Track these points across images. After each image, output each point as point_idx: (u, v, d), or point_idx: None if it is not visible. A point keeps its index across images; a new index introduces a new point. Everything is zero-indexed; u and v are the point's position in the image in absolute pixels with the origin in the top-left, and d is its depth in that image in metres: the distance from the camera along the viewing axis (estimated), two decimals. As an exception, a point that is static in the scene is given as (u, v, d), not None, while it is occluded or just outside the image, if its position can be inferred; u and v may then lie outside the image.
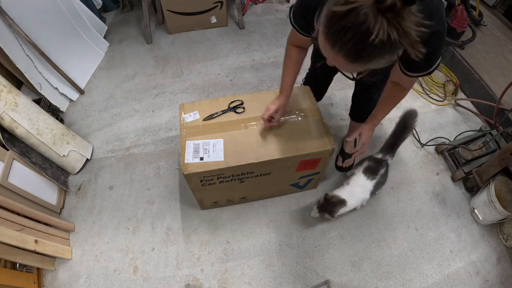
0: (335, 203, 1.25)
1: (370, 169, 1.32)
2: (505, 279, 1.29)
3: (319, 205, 1.29)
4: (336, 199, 1.26)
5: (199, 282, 1.28)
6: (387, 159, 1.35)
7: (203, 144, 1.16)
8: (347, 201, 1.26)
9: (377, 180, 1.31)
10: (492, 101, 1.69)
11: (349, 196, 1.27)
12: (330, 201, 1.25)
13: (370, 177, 1.30)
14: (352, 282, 1.28)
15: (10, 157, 1.25)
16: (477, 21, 2.11)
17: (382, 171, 1.32)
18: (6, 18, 1.52)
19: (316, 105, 1.29)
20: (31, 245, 1.15)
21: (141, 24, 2.43)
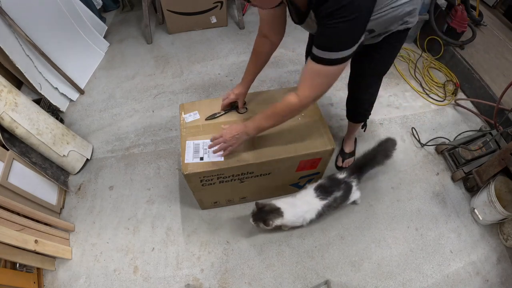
0: (268, 212, 1.18)
1: (324, 188, 1.23)
2: (505, 279, 1.29)
3: (253, 213, 1.22)
4: (269, 207, 1.19)
5: (199, 282, 1.28)
6: (350, 181, 1.26)
7: (203, 144, 1.16)
8: (284, 213, 1.18)
9: (328, 202, 1.22)
10: (492, 101, 1.69)
11: (289, 208, 1.20)
12: (262, 209, 1.19)
13: (321, 196, 1.21)
14: (352, 282, 1.28)
15: (10, 157, 1.25)
16: (477, 21, 2.11)
17: (339, 194, 1.23)
18: (6, 18, 1.52)
19: (316, 104, 1.29)
20: (31, 245, 1.15)
21: (141, 24, 2.43)
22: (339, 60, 0.81)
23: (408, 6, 0.94)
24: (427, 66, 2.08)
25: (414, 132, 1.73)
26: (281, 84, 2.00)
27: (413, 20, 1.00)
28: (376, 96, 1.36)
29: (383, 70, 1.21)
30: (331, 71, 0.85)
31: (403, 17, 0.97)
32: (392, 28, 1.00)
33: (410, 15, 0.98)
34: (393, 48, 1.11)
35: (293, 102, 0.93)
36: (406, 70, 2.10)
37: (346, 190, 1.26)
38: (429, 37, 2.12)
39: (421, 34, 2.19)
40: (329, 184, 1.24)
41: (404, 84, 2.02)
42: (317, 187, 1.24)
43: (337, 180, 1.26)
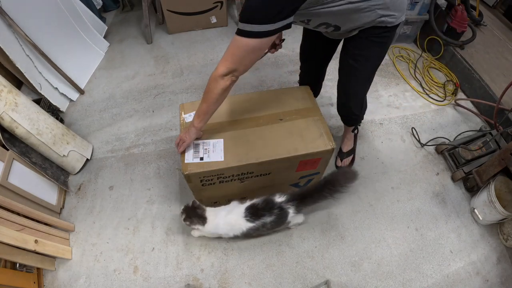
0: (196, 214, 1.18)
1: (254, 210, 1.15)
2: (505, 279, 1.29)
3: (187, 206, 1.21)
4: (200, 212, 1.18)
5: (199, 282, 1.28)
6: (286, 207, 1.15)
7: (203, 144, 1.16)
8: (206, 224, 1.17)
9: (255, 226, 1.15)
10: (492, 101, 1.69)
11: (214, 220, 1.18)
12: (194, 209, 1.19)
13: (248, 218, 1.14)
14: (352, 282, 1.28)
15: (10, 157, 1.25)
16: (477, 21, 2.11)
17: (269, 219, 1.14)
18: (6, 18, 1.52)
19: (316, 105, 1.29)
20: (31, 245, 1.15)
21: (141, 24, 2.43)
22: (258, 33, 0.82)
23: (381, 10, 0.93)
24: (427, 66, 2.08)
25: (414, 132, 1.73)
26: (281, 84, 2.00)
27: (392, 20, 0.98)
28: (364, 100, 1.38)
29: (367, 70, 1.19)
30: (250, 45, 0.85)
31: (374, 17, 0.95)
32: (362, 25, 0.99)
33: (387, 17, 0.96)
34: (374, 45, 1.07)
35: (211, 74, 0.94)
36: (406, 70, 2.10)
37: (280, 216, 1.16)
38: (429, 37, 2.12)
39: (421, 34, 2.19)
40: (262, 206, 1.16)
41: (404, 84, 2.02)
42: (248, 207, 1.17)
43: (272, 204, 1.15)
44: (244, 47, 0.87)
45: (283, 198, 1.17)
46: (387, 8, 0.94)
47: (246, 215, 1.16)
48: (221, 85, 0.94)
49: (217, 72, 0.92)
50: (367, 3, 0.91)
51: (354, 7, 0.90)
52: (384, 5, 0.93)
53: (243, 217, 1.16)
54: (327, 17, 0.95)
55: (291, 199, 1.16)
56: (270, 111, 1.26)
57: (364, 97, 1.36)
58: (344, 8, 0.90)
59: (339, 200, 1.48)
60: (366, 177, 1.57)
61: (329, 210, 1.46)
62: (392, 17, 0.97)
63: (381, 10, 0.94)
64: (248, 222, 1.15)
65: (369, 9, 0.93)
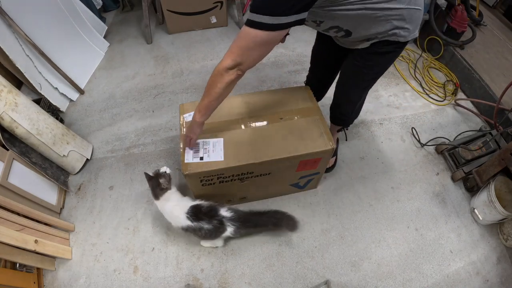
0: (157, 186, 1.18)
1: (197, 212, 1.14)
2: (505, 279, 1.29)
3: (155, 172, 1.20)
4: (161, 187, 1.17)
5: (199, 282, 1.28)
6: (227, 223, 1.14)
7: (203, 144, 1.16)
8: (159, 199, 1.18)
9: (193, 226, 1.14)
10: (492, 101, 1.69)
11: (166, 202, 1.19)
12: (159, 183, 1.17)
13: (188, 216, 1.14)
14: (352, 282, 1.28)
15: (10, 157, 1.25)
16: (477, 21, 2.11)
17: (206, 226, 1.13)
18: (6, 18, 1.52)
19: (316, 105, 1.29)
20: (31, 245, 1.15)
21: (141, 24, 2.43)
22: (269, 26, 0.77)
23: (397, 21, 0.90)
24: (427, 66, 2.08)
25: (414, 132, 1.73)
26: (281, 84, 2.00)
27: (405, 34, 0.95)
28: (359, 107, 1.37)
29: (368, 81, 1.18)
30: (259, 37, 0.80)
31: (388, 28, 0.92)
32: (376, 35, 0.95)
33: (401, 29, 0.94)
34: (381, 59, 1.06)
35: (215, 68, 0.89)
36: (406, 70, 2.10)
37: (217, 229, 1.15)
38: (429, 37, 2.12)
39: (421, 34, 2.19)
40: (205, 211, 1.15)
41: (404, 84, 2.02)
42: (194, 206, 1.16)
43: (215, 213, 1.14)
44: (253, 39, 0.81)
45: (228, 214, 1.15)
46: (403, 19, 0.91)
47: (188, 212, 1.15)
48: (225, 79, 0.89)
49: (222, 65, 0.87)
50: (383, 12, 0.87)
51: (369, 13, 0.87)
52: (400, 16, 0.90)
53: (185, 213, 1.15)
54: (340, 20, 0.92)
55: (236, 219, 1.15)
56: (270, 111, 1.26)
57: (358, 103, 1.35)
58: (360, 14, 0.87)
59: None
60: (366, 177, 1.57)
61: (329, 210, 1.46)
62: (406, 31, 0.95)
63: (396, 21, 0.91)
64: (187, 220, 1.14)
65: (385, 19, 0.89)
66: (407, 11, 0.90)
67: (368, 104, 1.89)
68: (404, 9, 0.89)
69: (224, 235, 1.19)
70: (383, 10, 0.87)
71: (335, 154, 1.59)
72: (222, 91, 0.93)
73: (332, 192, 1.52)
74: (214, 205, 1.18)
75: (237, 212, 1.18)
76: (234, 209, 1.19)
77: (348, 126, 1.54)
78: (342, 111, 1.37)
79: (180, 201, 1.21)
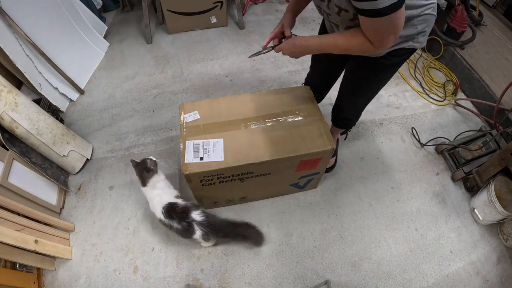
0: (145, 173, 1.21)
1: (171, 210, 1.16)
2: (505, 279, 1.29)
3: (143, 160, 1.24)
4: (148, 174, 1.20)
5: (199, 282, 1.28)
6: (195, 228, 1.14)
7: (203, 144, 1.16)
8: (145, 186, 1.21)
9: (165, 222, 1.17)
10: (492, 101, 1.69)
11: (151, 190, 1.22)
12: (147, 169, 1.21)
13: (163, 212, 1.16)
14: (352, 282, 1.28)
15: (10, 157, 1.25)
16: (477, 21, 2.11)
17: (176, 226, 1.15)
18: (6, 18, 1.52)
19: (316, 105, 1.29)
20: (31, 245, 1.15)
21: (141, 24, 2.43)
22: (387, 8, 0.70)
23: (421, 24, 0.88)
24: (427, 66, 2.08)
25: (414, 132, 1.73)
26: (281, 84, 2.00)
27: (422, 40, 0.94)
28: (361, 112, 1.35)
29: (373, 89, 1.17)
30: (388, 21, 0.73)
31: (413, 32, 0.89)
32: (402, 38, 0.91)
33: (420, 34, 0.92)
34: (389, 68, 1.05)
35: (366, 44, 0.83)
36: (406, 70, 2.10)
37: (186, 230, 1.15)
38: (429, 37, 2.11)
39: (421, 34, 2.19)
40: (177, 211, 1.15)
41: (404, 84, 2.02)
42: (170, 204, 1.17)
43: (186, 215, 1.14)
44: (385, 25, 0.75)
45: (199, 218, 1.15)
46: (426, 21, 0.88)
47: (164, 207, 1.17)
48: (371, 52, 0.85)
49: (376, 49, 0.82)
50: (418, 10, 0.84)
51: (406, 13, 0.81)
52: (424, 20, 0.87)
53: (161, 207, 1.17)
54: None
55: (206, 224, 1.14)
56: (270, 111, 1.26)
57: (363, 109, 1.34)
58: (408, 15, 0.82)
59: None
60: (366, 177, 1.57)
61: (329, 210, 1.46)
62: (424, 35, 0.92)
63: (421, 25, 0.88)
64: (162, 214, 1.17)
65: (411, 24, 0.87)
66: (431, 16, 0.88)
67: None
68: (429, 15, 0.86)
69: (194, 237, 1.17)
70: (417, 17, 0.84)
71: (335, 154, 1.59)
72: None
73: (332, 192, 1.52)
74: (189, 207, 1.17)
75: (210, 218, 1.16)
76: (208, 214, 1.17)
77: (351, 128, 1.53)
78: (346, 116, 1.35)
79: (164, 192, 1.22)
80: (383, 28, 0.77)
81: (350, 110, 1.33)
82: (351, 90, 1.22)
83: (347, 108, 1.32)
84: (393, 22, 0.75)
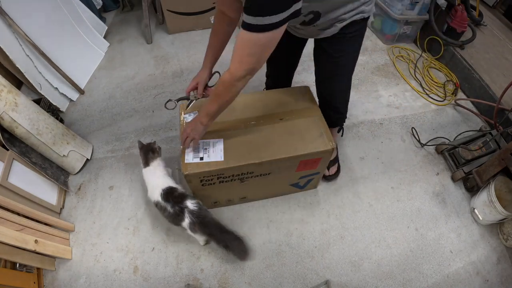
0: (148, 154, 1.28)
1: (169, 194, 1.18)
2: (505, 279, 1.29)
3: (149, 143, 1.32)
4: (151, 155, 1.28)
5: (199, 282, 1.28)
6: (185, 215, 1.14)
7: (203, 144, 1.17)
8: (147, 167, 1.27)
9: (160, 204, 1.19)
10: (492, 101, 1.69)
11: (153, 172, 1.26)
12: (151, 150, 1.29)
13: (161, 193, 1.19)
14: (352, 282, 1.28)
15: (10, 157, 1.25)
16: (477, 21, 2.11)
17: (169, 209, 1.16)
18: (6, 18, 1.52)
19: (316, 105, 1.29)
20: (31, 245, 1.15)
21: (141, 24, 2.43)
22: (272, 25, 0.74)
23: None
24: (427, 66, 2.09)
25: (414, 132, 1.73)
26: (281, 84, 2.00)
27: (368, 8, 0.96)
28: (348, 96, 1.33)
29: (349, 65, 1.16)
30: (262, 39, 0.77)
31: (357, 5, 0.92)
32: (344, 16, 0.94)
33: (365, 4, 0.94)
34: (353, 41, 1.05)
35: (225, 78, 0.88)
36: (406, 70, 2.10)
37: (176, 216, 1.16)
38: (429, 37, 2.12)
39: (421, 34, 2.19)
40: (173, 195, 1.18)
41: (404, 84, 2.02)
42: (169, 187, 1.20)
43: (180, 201, 1.16)
44: (259, 43, 0.79)
45: (192, 207, 1.14)
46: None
47: (164, 190, 1.19)
48: (238, 87, 0.90)
49: (233, 77, 0.86)
50: None
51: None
52: None
53: (160, 189, 1.20)
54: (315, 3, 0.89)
55: (196, 215, 1.14)
56: (270, 111, 1.26)
57: (349, 92, 1.31)
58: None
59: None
60: (366, 177, 1.57)
61: (329, 210, 1.46)
62: (369, 3, 0.96)
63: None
64: (159, 196, 1.19)
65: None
66: None
67: (368, 104, 1.89)
68: None
69: (183, 225, 1.17)
70: None
71: (337, 161, 1.55)
72: (234, 98, 0.95)
73: (332, 192, 1.52)
74: (186, 194, 1.20)
75: (202, 211, 1.16)
76: (202, 207, 1.17)
77: (343, 122, 1.48)
78: (337, 109, 1.33)
79: (164, 177, 1.26)
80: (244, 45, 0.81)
81: (337, 99, 1.30)
82: (328, 77, 1.21)
83: (332, 97, 1.29)
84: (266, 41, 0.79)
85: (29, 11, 1.67)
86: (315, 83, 1.30)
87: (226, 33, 1.11)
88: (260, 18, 0.73)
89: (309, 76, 1.99)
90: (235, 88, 0.90)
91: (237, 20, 1.06)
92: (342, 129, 1.53)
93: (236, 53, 0.83)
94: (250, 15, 0.74)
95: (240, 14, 1.02)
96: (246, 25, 0.76)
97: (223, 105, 0.98)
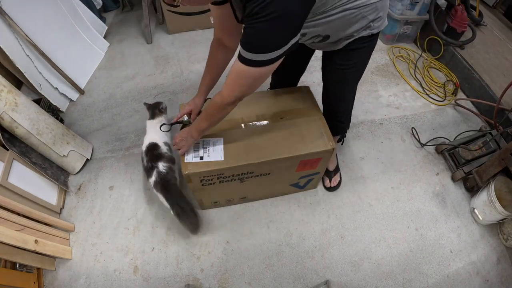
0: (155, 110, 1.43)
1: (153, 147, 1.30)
2: (505, 279, 1.29)
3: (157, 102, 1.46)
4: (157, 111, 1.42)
5: (199, 282, 1.28)
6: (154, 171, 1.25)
7: (203, 144, 1.16)
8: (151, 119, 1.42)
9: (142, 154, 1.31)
10: (492, 101, 1.69)
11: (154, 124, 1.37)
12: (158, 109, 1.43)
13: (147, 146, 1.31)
14: (352, 282, 1.28)
15: (10, 157, 1.25)
16: (477, 21, 2.11)
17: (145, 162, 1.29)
18: (6, 18, 1.52)
19: (316, 105, 1.29)
20: (31, 245, 1.15)
21: (141, 24, 2.43)
22: (268, 61, 0.76)
23: (371, 14, 0.90)
24: (427, 66, 2.09)
25: (414, 132, 1.73)
26: (281, 84, 2.00)
27: (378, 25, 0.95)
28: (352, 106, 1.33)
29: (355, 77, 1.16)
30: (256, 73, 0.80)
31: (365, 23, 0.92)
32: (353, 33, 0.95)
33: (375, 21, 0.94)
34: (362, 53, 1.05)
35: (217, 100, 0.93)
36: (406, 70, 2.10)
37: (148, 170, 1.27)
38: (429, 37, 2.12)
39: (421, 34, 2.19)
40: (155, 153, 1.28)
41: (404, 84, 2.02)
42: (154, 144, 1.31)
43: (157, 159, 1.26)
44: (253, 76, 0.82)
45: (161, 168, 1.25)
46: (376, 10, 0.91)
47: (150, 143, 1.31)
48: (228, 110, 0.97)
49: (224, 101, 0.92)
50: (360, 10, 0.88)
51: (348, 14, 0.87)
52: (374, 8, 0.90)
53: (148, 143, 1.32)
54: (321, 27, 0.91)
55: (162, 176, 1.23)
56: (271, 111, 1.26)
57: (352, 100, 1.31)
58: (339, 16, 0.87)
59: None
60: (366, 177, 1.57)
61: (329, 210, 1.46)
62: (378, 20, 0.95)
63: (371, 15, 0.91)
64: (145, 147, 1.32)
65: (361, 16, 0.90)
66: (380, 3, 0.90)
67: (368, 104, 1.89)
68: (377, 2, 0.89)
69: (150, 181, 1.26)
70: (360, 8, 0.87)
71: (338, 171, 1.54)
72: (224, 117, 1.02)
73: (332, 192, 1.52)
74: (164, 156, 1.29)
75: (169, 176, 1.25)
76: (169, 172, 1.26)
77: (345, 132, 1.49)
78: (338, 118, 1.32)
79: (159, 133, 1.35)
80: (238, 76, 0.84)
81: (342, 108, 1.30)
82: (336, 90, 1.22)
83: (338, 108, 1.29)
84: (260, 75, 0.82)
85: (29, 11, 1.67)
86: (322, 91, 1.29)
87: (223, 62, 1.14)
88: (258, 55, 0.75)
89: (310, 76, 1.99)
90: (225, 110, 0.97)
91: (234, 50, 1.10)
92: (343, 138, 1.53)
93: (229, 81, 0.87)
94: (247, 50, 0.76)
95: (237, 43, 1.03)
96: (243, 58, 0.78)
97: (213, 123, 1.04)
